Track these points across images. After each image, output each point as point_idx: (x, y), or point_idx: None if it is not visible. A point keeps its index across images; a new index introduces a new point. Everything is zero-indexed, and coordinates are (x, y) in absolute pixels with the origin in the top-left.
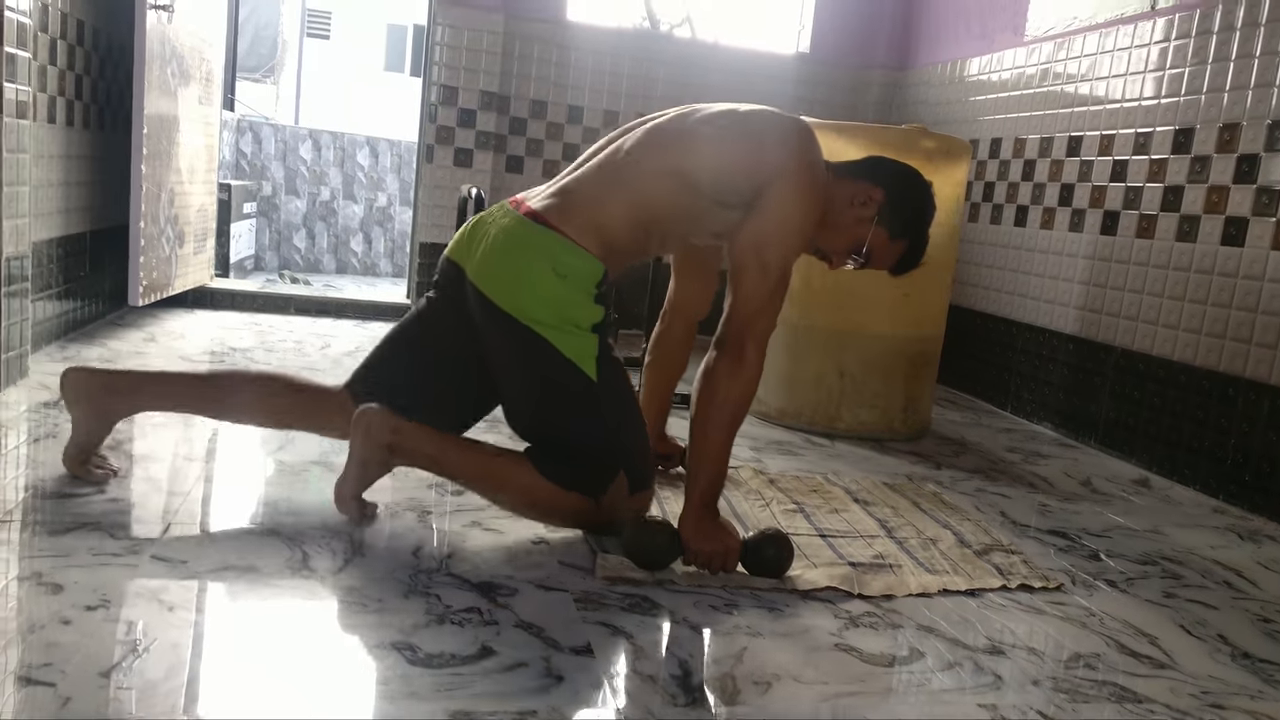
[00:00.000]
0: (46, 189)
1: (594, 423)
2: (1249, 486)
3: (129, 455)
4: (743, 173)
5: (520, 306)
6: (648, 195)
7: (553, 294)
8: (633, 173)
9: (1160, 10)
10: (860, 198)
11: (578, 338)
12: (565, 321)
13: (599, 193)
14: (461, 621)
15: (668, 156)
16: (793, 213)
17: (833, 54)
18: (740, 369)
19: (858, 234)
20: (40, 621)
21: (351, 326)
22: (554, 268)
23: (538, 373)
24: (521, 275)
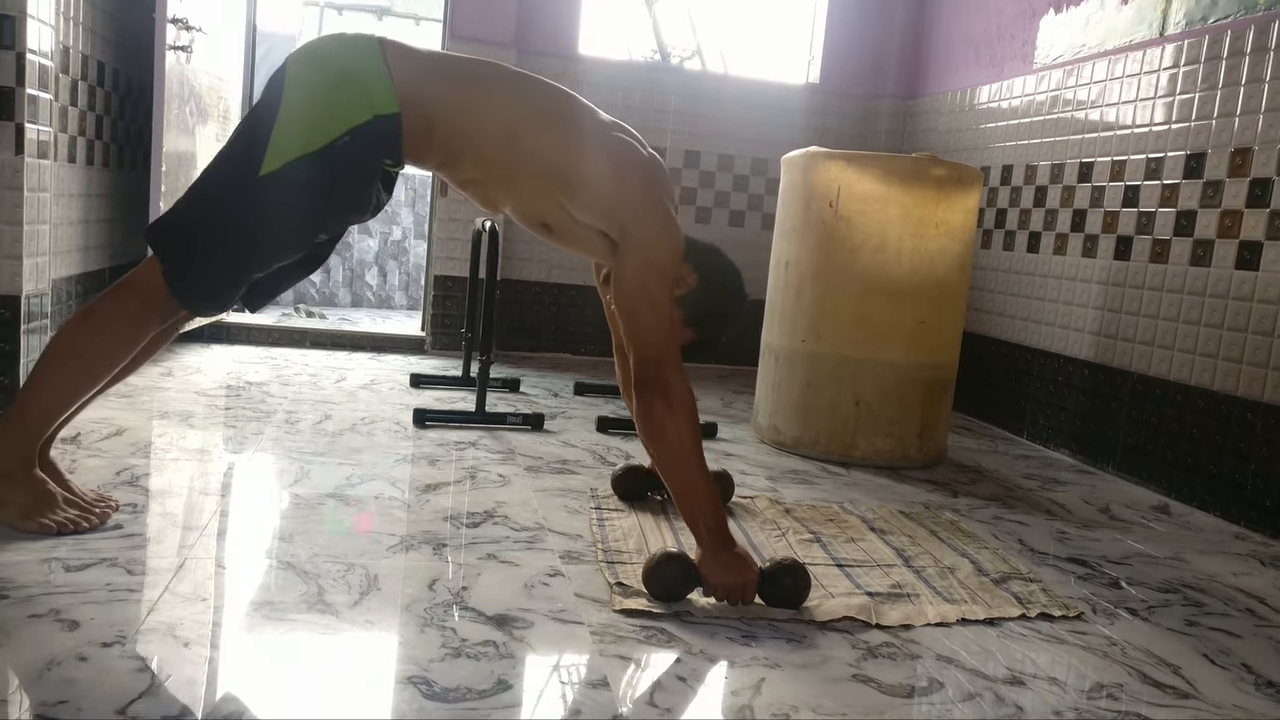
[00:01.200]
0: (66, 227)
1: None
2: (1270, 512)
3: (145, 490)
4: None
5: (293, 79)
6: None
7: (321, 82)
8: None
9: (1169, 36)
10: (679, 274)
11: (299, 132)
12: (304, 113)
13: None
14: (477, 655)
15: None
16: (663, 242)
17: (843, 84)
18: (670, 401)
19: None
20: (57, 658)
21: (367, 359)
22: (346, 63)
23: (234, 141)
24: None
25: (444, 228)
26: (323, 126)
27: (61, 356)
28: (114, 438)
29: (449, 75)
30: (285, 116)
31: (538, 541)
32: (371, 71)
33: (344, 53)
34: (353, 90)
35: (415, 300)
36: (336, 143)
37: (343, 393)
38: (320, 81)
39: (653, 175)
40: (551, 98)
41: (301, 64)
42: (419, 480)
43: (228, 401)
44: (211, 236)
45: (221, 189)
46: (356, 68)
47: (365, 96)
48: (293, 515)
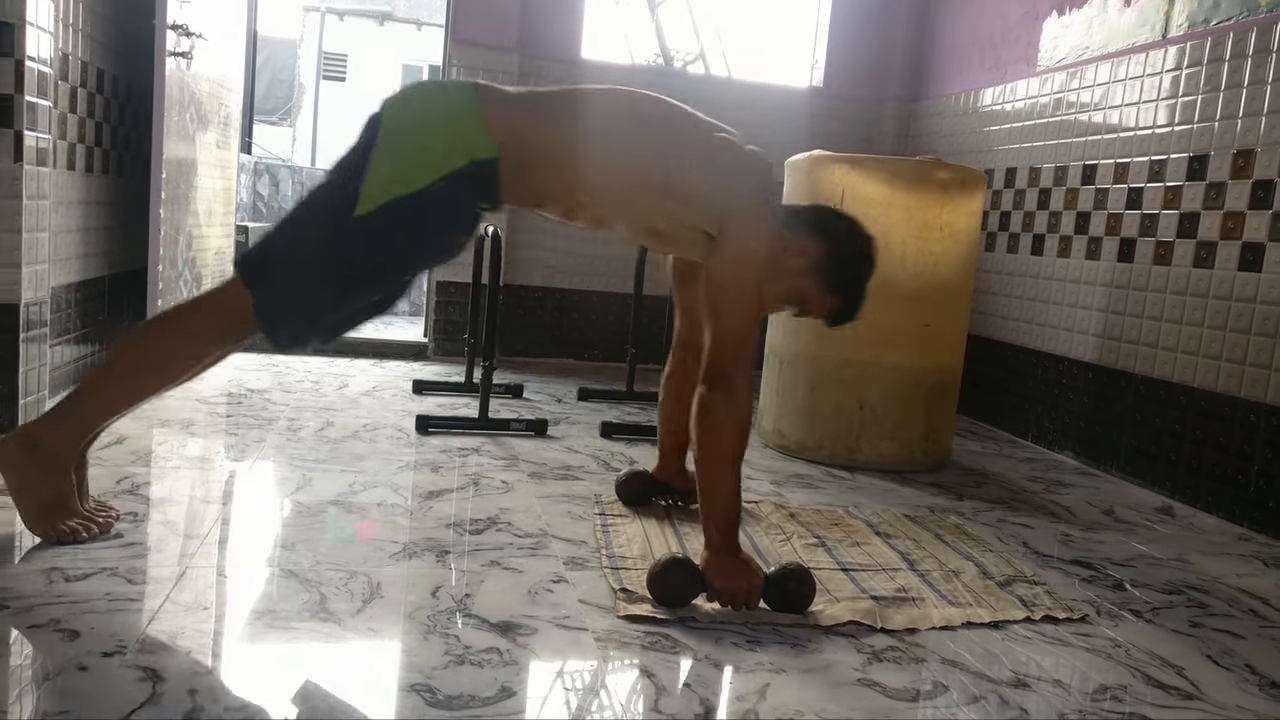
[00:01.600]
0: (65, 234)
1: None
2: (1273, 513)
3: (146, 499)
4: (701, 190)
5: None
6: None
7: (418, 127)
8: (584, 113)
9: (1172, 38)
10: (796, 248)
11: (394, 176)
12: (399, 158)
13: (541, 104)
14: (481, 662)
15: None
16: (757, 242)
17: (846, 87)
18: (730, 403)
19: (794, 284)
20: (58, 668)
21: (369, 365)
22: (444, 109)
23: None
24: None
25: None
26: (418, 171)
27: (132, 362)
28: (114, 446)
29: (545, 112)
30: (380, 160)
31: (541, 548)
32: (467, 116)
33: (439, 98)
34: (448, 135)
35: (418, 306)
36: (432, 187)
37: (345, 399)
38: (416, 126)
39: (752, 172)
40: (649, 111)
41: (397, 108)
42: (422, 487)
43: (229, 409)
44: (305, 274)
45: (316, 228)
46: (452, 112)
47: (461, 141)
48: (295, 523)
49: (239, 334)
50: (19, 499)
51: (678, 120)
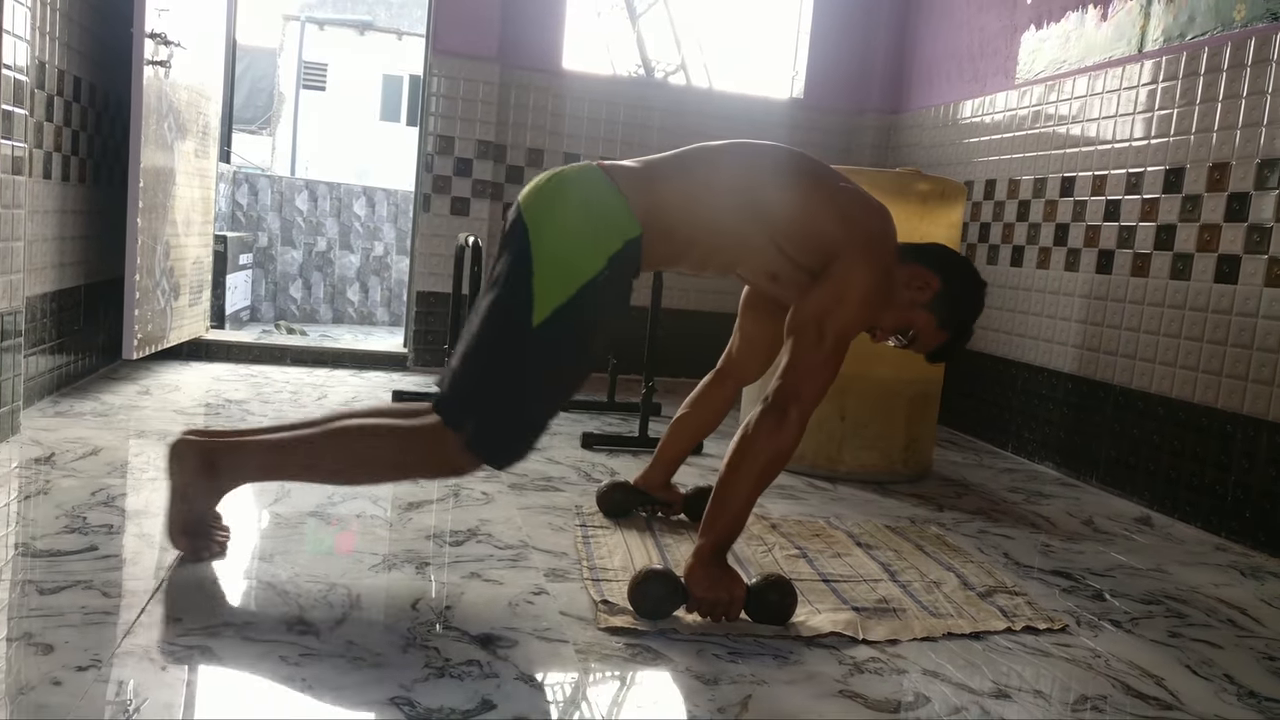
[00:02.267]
0: (41, 244)
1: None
2: (1250, 523)
3: (121, 511)
4: (817, 235)
5: (537, 222)
6: (715, 201)
7: (567, 221)
8: (710, 171)
9: (1148, 53)
10: (918, 281)
11: (559, 276)
12: (557, 257)
13: (668, 172)
14: (461, 675)
15: (753, 178)
16: (858, 288)
17: (827, 99)
18: (782, 429)
19: (909, 316)
20: (30, 683)
21: (348, 376)
22: (586, 197)
23: (497, 293)
24: (556, 198)
25: (427, 243)
26: (582, 264)
27: (335, 456)
28: (90, 457)
29: (674, 179)
30: (541, 264)
31: (522, 559)
32: (609, 199)
33: (577, 187)
34: (599, 223)
35: (397, 316)
36: (598, 276)
37: (324, 410)
38: (566, 221)
39: (878, 225)
40: (773, 164)
41: (539, 209)
42: (401, 498)
43: (207, 420)
44: (508, 397)
45: (501, 350)
46: (595, 199)
47: (613, 225)
48: (273, 535)
49: (455, 468)
50: (176, 504)
51: (802, 172)
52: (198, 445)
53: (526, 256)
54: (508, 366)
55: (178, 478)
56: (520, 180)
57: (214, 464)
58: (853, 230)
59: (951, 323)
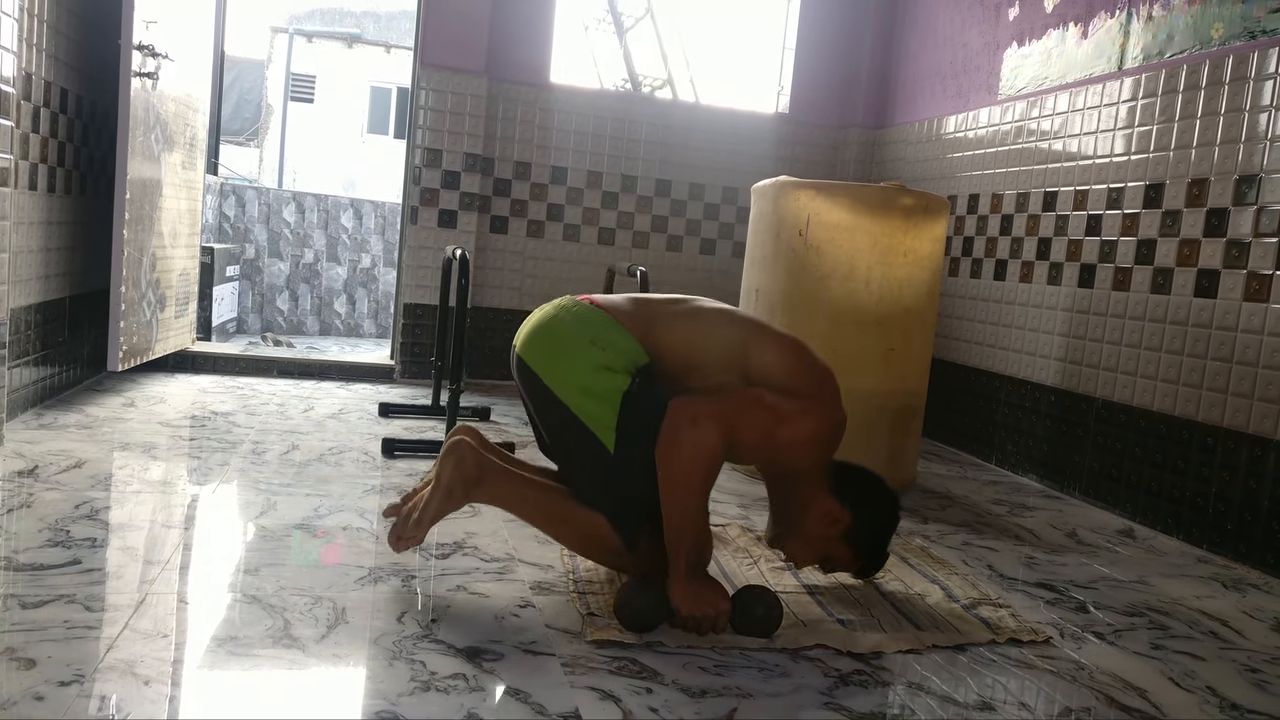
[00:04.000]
0: (26, 255)
1: (615, 489)
2: (1231, 535)
3: (105, 524)
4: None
5: (550, 370)
6: (706, 351)
7: (583, 362)
8: (706, 321)
9: (1128, 70)
10: (831, 517)
11: (599, 405)
12: (588, 390)
13: (665, 313)
14: (447, 688)
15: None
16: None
17: (812, 114)
18: (698, 425)
19: (824, 549)
20: (13, 698)
21: (335, 388)
22: (592, 339)
23: (565, 439)
24: (561, 343)
25: (414, 255)
26: (611, 384)
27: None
28: (73, 470)
29: (671, 325)
30: (576, 402)
31: (508, 572)
32: (615, 334)
33: (577, 326)
34: (612, 350)
35: (384, 328)
36: (631, 387)
37: (310, 422)
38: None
39: (837, 401)
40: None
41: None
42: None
43: (192, 432)
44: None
45: (607, 482)
46: (602, 334)
47: (624, 351)
48: (259, 548)
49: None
50: (439, 498)
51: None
52: (480, 457)
53: (557, 404)
54: (623, 490)
55: (449, 475)
56: (507, 193)
57: (484, 479)
58: (823, 390)
59: (867, 550)
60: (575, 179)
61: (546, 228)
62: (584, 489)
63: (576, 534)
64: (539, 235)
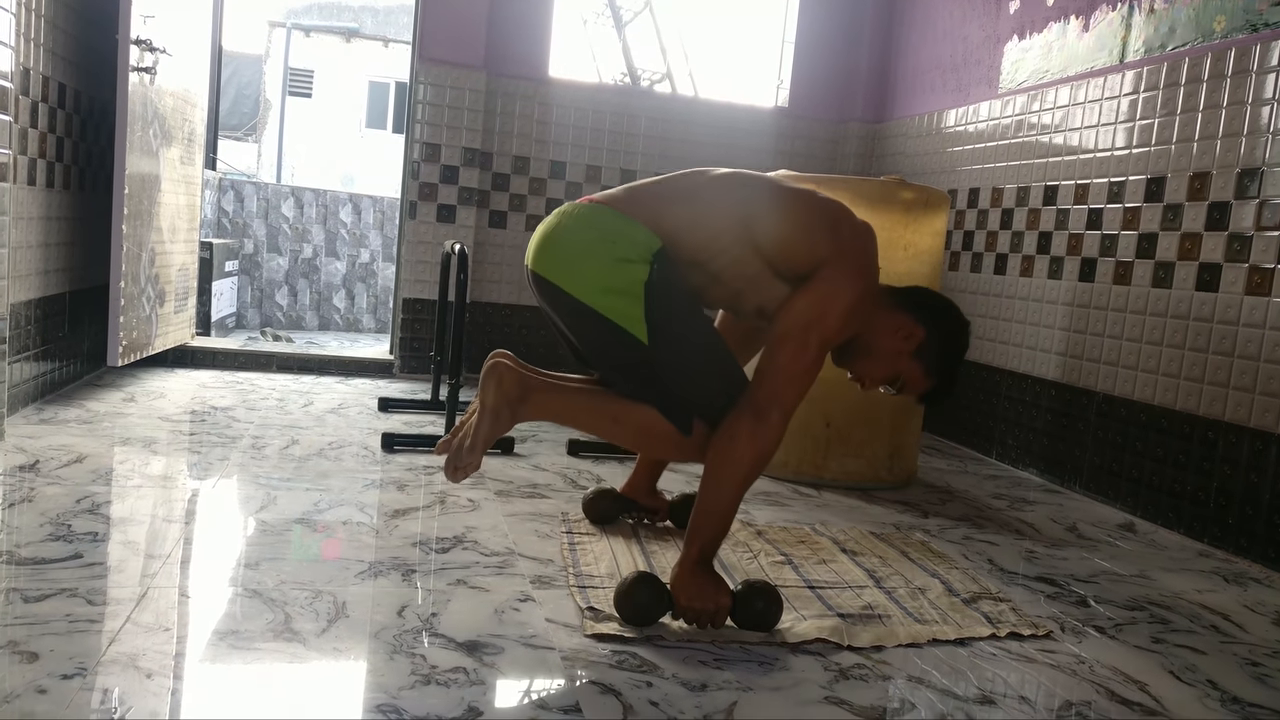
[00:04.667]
0: (25, 250)
1: (659, 380)
2: (1232, 529)
3: (106, 519)
4: (806, 245)
5: (568, 277)
6: (711, 228)
7: (598, 260)
8: (704, 197)
9: (1129, 63)
10: (904, 331)
11: (623, 300)
12: (609, 287)
13: (666, 200)
14: (447, 682)
15: (742, 200)
16: (843, 298)
17: (811, 107)
18: (763, 431)
19: (896, 366)
20: (15, 691)
21: (334, 383)
22: (600, 235)
23: (598, 342)
24: (572, 247)
25: (413, 250)
26: (629, 276)
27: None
28: (74, 465)
29: (674, 206)
30: (600, 302)
31: (508, 566)
32: (623, 225)
33: (583, 227)
34: (624, 242)
35: (384, 323)
36: (651, 275)
37: (310, 417)
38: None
39: (864, 243)
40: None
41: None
42: (387, 505)
43: (192, 427)
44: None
45: (649, 374)
46: (610, 229)
47: (636, 240)
48: (259, 542)
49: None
50: (486, 422)
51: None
52: (519, 374)
53: (579, 306)
54: (674, 378)
55: (493, 398)
56: (506, 187)
57: (527, 396)
58: (840, 241)
59: (938, 370)
60: (574, 173)
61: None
62: (627, 386)
63: (630, 430)
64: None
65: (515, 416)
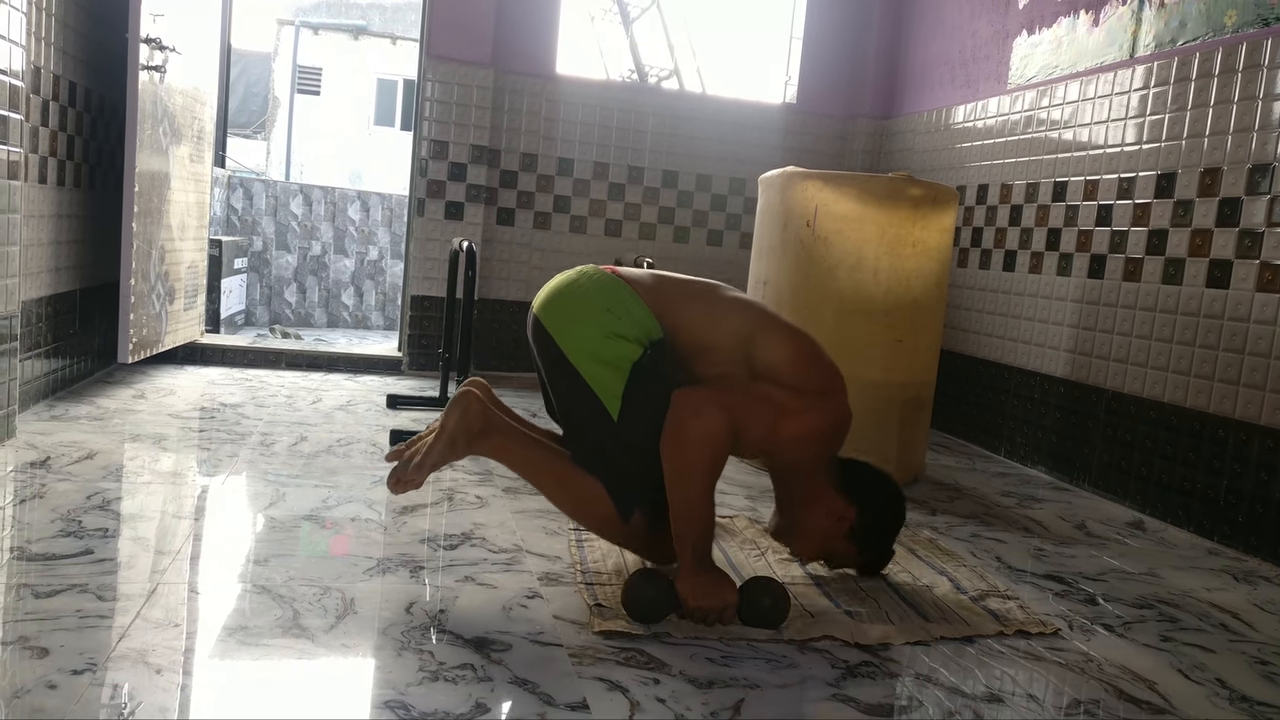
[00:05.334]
0: (37, 248)
1: (616, 460)
2: (1242, 527)
3: (117, 515)
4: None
5: (564, 332)
6: (714, 338)
7: (597, 327)
8: (719, 308)
9: (1139, 58)
10: (836, 513)
11: (608, 372)
12: (598, 356)
13: (682, 293)
14: (455, 679)
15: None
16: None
17: (819, 104)
18: (703, 414)
19: (828, 545)
20: (26, 686)
21: (343, 380)
22: (608, 306)
23: (571, 402)
24: (578, 307)
25: (421, 248)
26: (622, 353)
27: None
28: (85, 461)
29: (679, 298)
30: (586, 367)
31: (516, 563)
32: (633, 305)
33: (595, 292)
34: (627, 320)
35: (392, 320)
36: (643, 358)
37: (319, 414)
38: (596, 320)
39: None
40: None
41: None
42: (395, 502)
43: (202, 424)
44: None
45: (608, 451)
46: (619, 303)
47: (640, 324)
48: (268, 538)
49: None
50: (442, 444)
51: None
52: (485, 410)
53: (566, 363)
54: (625, 457)
55: (454, 424)
56: (514, 184)
57: (488, 433)
58: (829, 392)
59: (871, 546)
60: (582, 170)
61: (553, 219)
62: (585, 455)
63: (572, 498)
64: (545, 227)
65: (470, 448)
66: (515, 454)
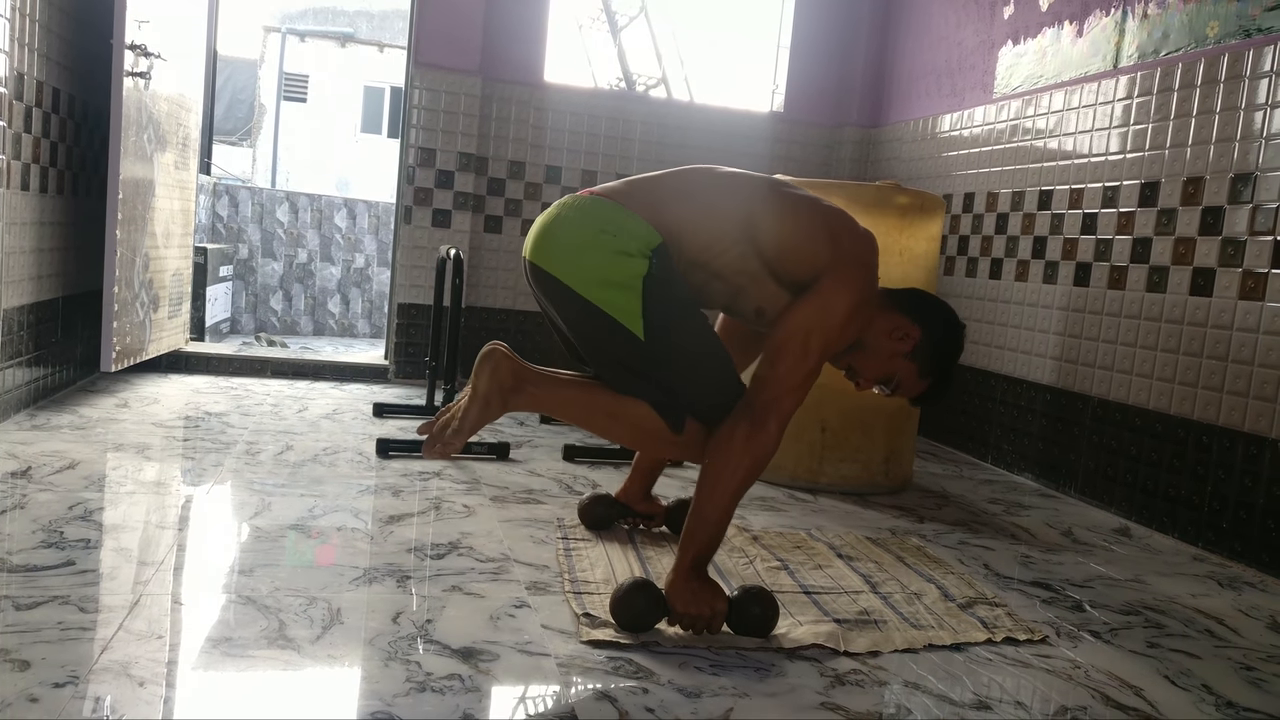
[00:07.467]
0: (18, 255)
1: (653, 376)
2: (1226, 533)
3: (99, 525)
4: (807, 252)
5: (566, 269)
6: (714, 228)
7: (597, 252)
8: (708, 197)
9: (1123, 68)
10: (899, 332)
11: (621, 294)
12: (607, 280)
13: (669, 195)
14: (443, 689)
15: (747, 201)
16: (841, 308)
17: (806, 112)
18: (760, 438)
19: (890, 366)
20: (6, 699)
21: (328, 388)
22: (600, 227)
23: (594, 336)
24: (571, 239)
25: (408, 255)
26: (628, 270)
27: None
28: (66, 471)
29: (676, 203)
30: (598, 295)
31: (503, 572)
32: (624, 218)
33: (583, 219)
34: (624, 235)
35: (378, 328)
36: (650, 269)
37: (305, 423)
38: (589, 248)
39: (865, 250)
40: (765, 187)
41: (560, 253)
42: (382, 511)
43: (186, 433)
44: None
45: (645, 370)
46: (610, 221)
47: (636, 234)
48: (253, 548)
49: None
50: (476, 407)
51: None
52: (514, 364)
53: (575, 299)
54: (666, 373)
55: (486, 384)
56: (502, 192)
57: (521, 386)
58: (840, 250)
59: (933, 371)
60: (570, 178)
61: None
62: (622, 383)
63: (624, 426)
64: None
65: (506, 405)
66: (554, 399)
